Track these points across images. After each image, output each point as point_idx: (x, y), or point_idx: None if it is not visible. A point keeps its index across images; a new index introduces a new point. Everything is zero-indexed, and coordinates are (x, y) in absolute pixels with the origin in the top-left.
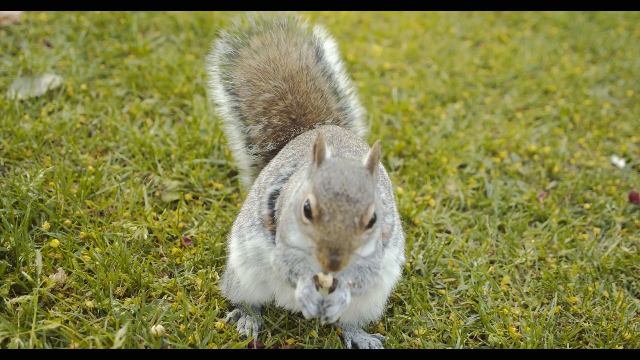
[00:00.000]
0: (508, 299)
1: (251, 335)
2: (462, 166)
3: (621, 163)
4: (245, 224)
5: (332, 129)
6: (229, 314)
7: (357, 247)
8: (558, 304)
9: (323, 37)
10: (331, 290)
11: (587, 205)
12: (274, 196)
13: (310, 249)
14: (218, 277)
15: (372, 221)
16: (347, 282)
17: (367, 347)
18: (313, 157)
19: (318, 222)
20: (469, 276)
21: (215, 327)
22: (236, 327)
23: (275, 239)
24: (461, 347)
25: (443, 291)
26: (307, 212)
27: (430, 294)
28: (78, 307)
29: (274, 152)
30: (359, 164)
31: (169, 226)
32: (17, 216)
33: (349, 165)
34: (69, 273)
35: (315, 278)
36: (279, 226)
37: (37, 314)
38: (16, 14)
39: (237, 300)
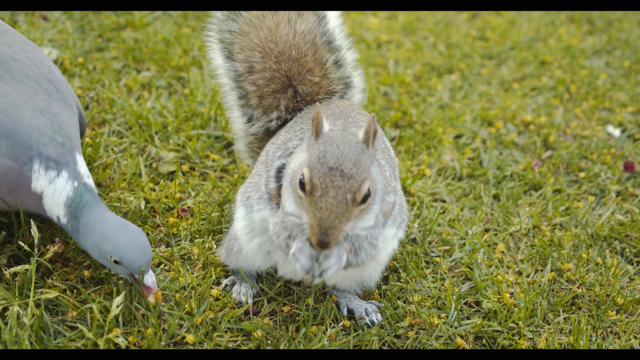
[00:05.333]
0: (502, 266)
1: (247, 302)
2: (458, 136)
3: (616, 132)
4: (254, 196)
5: (340, 104)
6: (225, 281)
7: (348, 224)
8: (552, 270)
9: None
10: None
11: (582, 174)
12: (280, 170)
13: (305, 224)
14: (215, 246)
15: (366, 197)
16: (345, 244)
17: (364, 313)
18: (312, 130)
19: (310, 197)
20: (464, 244)
21: (211, 295)
22: (232, 294)
23: None
24: (455, 314)
25: (438, 259)
26: (302, 185)
27: (425, 262)
28: (76, 276)
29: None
30: (356, 137)
31: (166, 197)
32: None
33: (346, 139)
34: (67, 243)
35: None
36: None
37: (36, 283)
38: None
39: (234, 266)
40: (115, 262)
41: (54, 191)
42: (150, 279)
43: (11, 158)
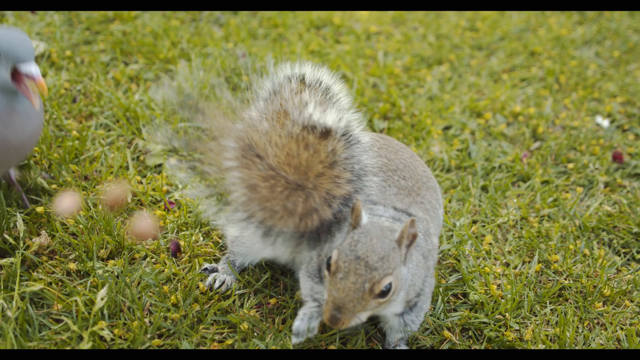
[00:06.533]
0: (490, 258)
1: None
2: (447, 128)
3: (605, 123)
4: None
5: (412, 170)
6: (207, 265)
7: (363, 313)
8: (539, 262)
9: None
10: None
11: (570, 165)
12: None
13: (326, 300)
14: (201, 239)
15: (385, 292)
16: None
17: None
18: (351, 220)
19: (333, 277)
20: (452, 236)
21: (198, 287)
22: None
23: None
24: (442, 306)
25: None
26: (328, 265)
27: None
28: (62, 269)
29: None
30: (393, 235)
31: (153, 189)
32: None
33: (382, 234)
34: (53, 236)
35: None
36: (323, 249)
37: (21, 276)
38: None
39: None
40: None
41: None
42: (33, 68)
43: None
